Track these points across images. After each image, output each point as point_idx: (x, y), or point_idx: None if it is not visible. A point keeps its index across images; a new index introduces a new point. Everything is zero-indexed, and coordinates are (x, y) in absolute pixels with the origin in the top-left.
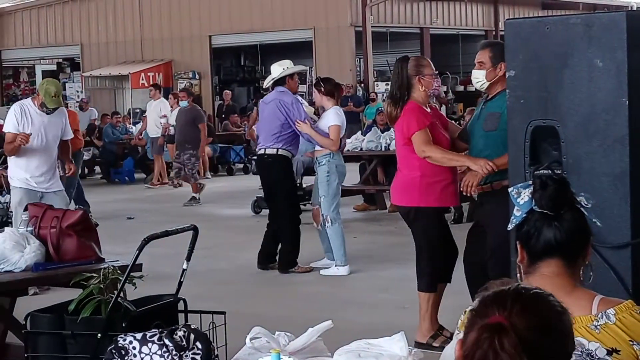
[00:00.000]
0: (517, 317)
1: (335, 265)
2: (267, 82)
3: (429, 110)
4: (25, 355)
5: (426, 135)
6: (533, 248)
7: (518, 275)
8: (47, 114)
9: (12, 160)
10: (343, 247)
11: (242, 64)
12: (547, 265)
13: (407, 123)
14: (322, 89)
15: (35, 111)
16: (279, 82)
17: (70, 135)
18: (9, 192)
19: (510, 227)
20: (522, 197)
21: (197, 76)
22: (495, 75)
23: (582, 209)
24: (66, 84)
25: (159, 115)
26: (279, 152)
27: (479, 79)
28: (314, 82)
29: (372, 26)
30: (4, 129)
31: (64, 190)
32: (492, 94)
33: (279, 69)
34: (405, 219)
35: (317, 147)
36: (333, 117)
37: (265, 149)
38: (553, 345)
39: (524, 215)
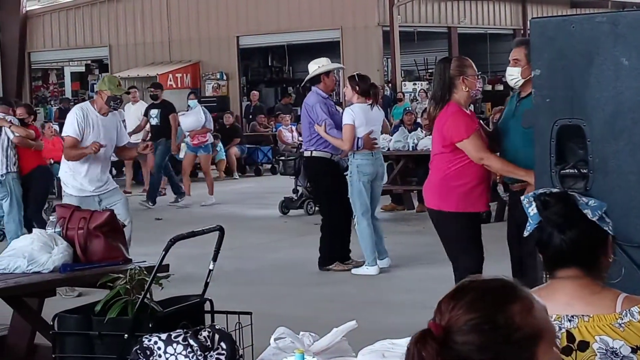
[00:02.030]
0: (453, 319)
1: (365, 265)
2: (304, 81)
3: (468, 112)
4: (53, 355)
5: (480, 140)
6: (547, 257)
7: (545, 275)
8: (115, 109)
9: (68, 167)
10: (371, 246)
11: (269, 64)
12: (565, 272)
13: (453, 128)
14: (357, 88)
15: (96, 115)
16: (315, 80)
17: (126, 141)
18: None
19: (525, 234)
20: (532, 208)
21: (224, 77)
22: (531, 73)
23: (597, 217)
24: (94, 85)
25: (139, 119)
26: (313, 154)
27: (513, 76)
28: (348, 78)
29: (399, 26)
30: (64, 133)
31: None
32: (525, 92)
33: (313, 66)
34: (433, 221)
35: None
36: (345, 116)
37: (304, 151)
38: (493, 339)
39: (536, 225)
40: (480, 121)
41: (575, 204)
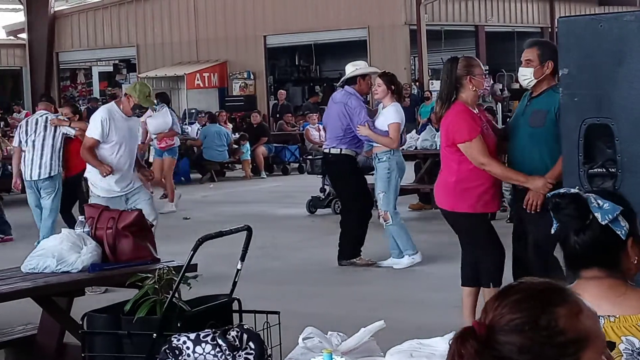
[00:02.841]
0: (496, 318)
1: (409, 256)
2: (340, 81)
3: (476, 111)
4: (82, 355)
5: (482, 144)
6: (566, 258)
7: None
8: (138, 116)
9: (95, 169)
10: (408, 237)
11: (296, 63)
12: (586, 272)
13: (455, 129)
14: (393, 87)
15: (121, 116)
16: (351, 81)
17: (140, 139)
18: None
19: (552, 231)
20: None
21: (252, 76)
22: (543, 73)
23: (606, 221)
24: (122, 85)
25: None
26: (342, 152)
27: (526, 76)
28: (379, 75)
29: (426, 24)
30: (87, 133)
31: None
32: (537, 92)
33: (351, 68)
34: (446, 220)
35: (375, 144)
36: (393, 114)
37: (330, 148)
38: (534, 340)
39: (557, 224)
40: (489, 120)
41: (587, 206)
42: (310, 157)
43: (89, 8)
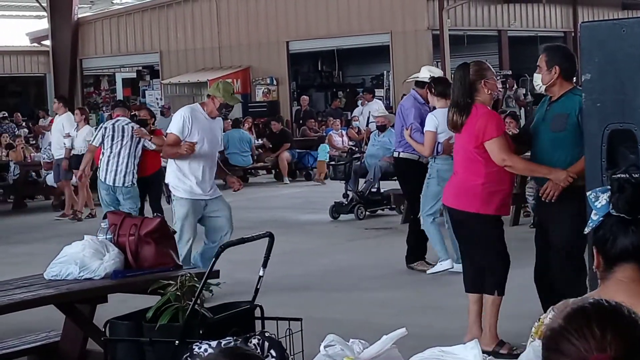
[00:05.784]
0: (616, 348)
1: (439, 262)
2: (410, 78)
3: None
4: None
5: (506, 142)
6: (608, 252)
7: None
8: (225, 116)
9: (176, 169)
10: (440, 242)
11: (319, 69)
12: (623, 271)
13: (485, 126)
14: (433, 90)
15: (205, 117)
16: (420, 84)
17: (222, 147)
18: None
19: (587, 230)
20: (599, 201)
21: (274, 82)
22: (551, 78)
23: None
24: (146, 91)
25: (63, 134)
26: (400, 155)
27: (537, 82)
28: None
29: (449, 29)
30: (168, 130)
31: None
32: (556, 96)
33: (425, 72)
34: (458, 222)
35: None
36: (428, 122)
37: (393, 152)
38: None
39: (601, 219)
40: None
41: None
42: (333, 162)
43: (112, 15)
